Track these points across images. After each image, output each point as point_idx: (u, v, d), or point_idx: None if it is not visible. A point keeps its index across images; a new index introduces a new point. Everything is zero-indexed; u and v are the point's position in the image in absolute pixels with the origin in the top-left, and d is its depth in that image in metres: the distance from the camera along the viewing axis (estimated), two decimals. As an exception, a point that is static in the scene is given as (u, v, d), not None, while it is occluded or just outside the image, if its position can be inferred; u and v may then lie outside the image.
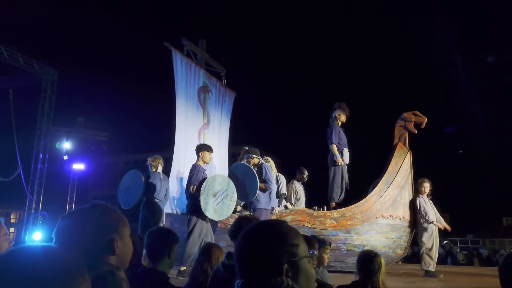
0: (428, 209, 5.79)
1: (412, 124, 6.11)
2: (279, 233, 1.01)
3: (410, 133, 6.16)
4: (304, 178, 7.24)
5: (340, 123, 6.66)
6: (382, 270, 2.68)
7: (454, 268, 8.45)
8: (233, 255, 1.08)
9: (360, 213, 5.84)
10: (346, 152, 6.54)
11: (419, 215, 5.85)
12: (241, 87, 9.93)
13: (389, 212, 5.87)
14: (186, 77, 7.16)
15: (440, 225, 5.83)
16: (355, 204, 5.94)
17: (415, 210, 5.90)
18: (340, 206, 6.21)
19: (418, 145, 6.68)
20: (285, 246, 0.98)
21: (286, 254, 0.98)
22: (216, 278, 1.92)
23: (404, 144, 6.15)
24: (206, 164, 5.81)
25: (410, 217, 5.92)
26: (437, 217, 5.85)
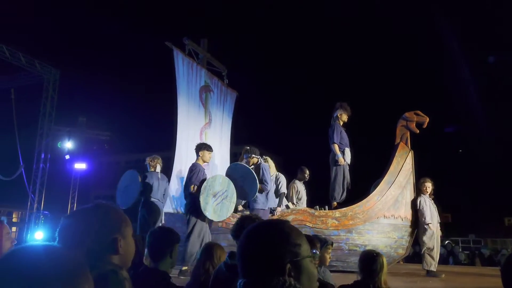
0: (426, 210, 5.77)
1: (414, 124, 6.10)
2: (281, 233, 1.01)
3: (412, 133, 6.15)
4: (305, 178, 7.23)
5: (341, 123, 6.66)
6: (384, 270, 2.68)
7: (456, 268, 8.44)
8: (236, 254, 1.08)
9: (361, 213, 5.84)
10: (347, 151, 6.54)
11: (419, 215, 5.84)
12: (242, 86, 9.94)
13: (390, 212, 5.87)
14: (188, 77, 7.15)
15: (431, 228, 5.74)
16: (357, 204, 5.93)
17: (416, 210, 5.90)
18: (342, 206, 6.21)
19: (419, 145, 6.67)
20: (287, 245, 0.98)
21: (289, 253, 0.98)
22: (218, 278, 1.92)
23: (406, 144, 6.14)
24: (206, 163, 5.80)
25: (412, 217, 5.92)
26: (432, 220, 5.78)
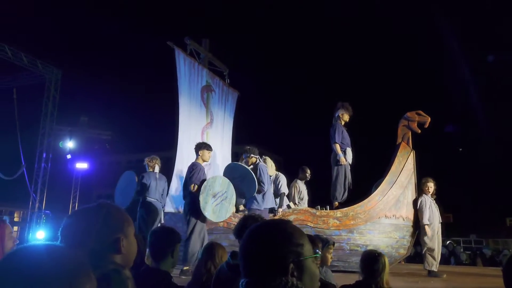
0: (426, 210, 5.75)
1: (416, 124, 6.09)
2: (284, 233, 1.01)
3: (413, 133, 6.14)
4: (307, 177, 7.23)
5: (343, 123, 6.66)
6: (386, 270, 2.67)
7: (457, 268, 8.43)
8: (238, 254, 1.08)
9: (363, 213, 5.83)
10: (349, 151, 6.54)
11: (419, 215, 5.82)
12: (244, 86, 9.93)
13: (392, 212, 5.86)
14: (190, 76, 7.16)
15: (428, 230, 5.72)
16: (358, 204, 5.93)
17: (417, 210, 5.89)
18: (343, 206, 6.21)
19: (421, 145, 6.66)
20: (290, 245, 0.98)
21: (292, 253, 0.97)
22: (220, 278, 1.92)
23: (407, 143, 6.13)
24: (205, 162, 5.80)
25: (413, 217, 5.91)
26: (433, 220, 5.75)
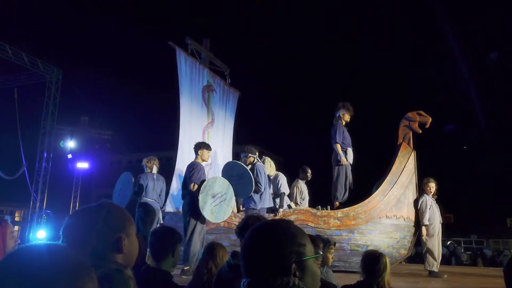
0: (426, 210, 5.74)
1: (417, 124, 6.08)
2: (286, 233, 1.01)
3: (414, 133, 6.14)
4: (308, 177, 7.23)
5: (344, 123, 6.66)
6: (388, 270, 2.67)
7: (458, 269, 8.43)
8: (238, 254, 1.08)
9: (363, 213, 5.83)
10: (350, 151, 6.54)
11: (419, 215, 5.82)
12: (245, 86, 9.92)
13: (393, 212, 5.86)
14: (191, 76, 7.15)
15: (428, 230, 5.71)
16: (359, 204, 5.93)
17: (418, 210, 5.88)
18: (344, 206, 6.20)
19: (422, 145, 6.65)
20: (293, 246, 0.98)
21: (294, 254, 0.97)
22: (221, 278, 1.92)
23: (408, 143, 6.13)
24: (205, 162, 5.80)
25: (414, 217, 5.90)
26: (434, 220, 5.75)
